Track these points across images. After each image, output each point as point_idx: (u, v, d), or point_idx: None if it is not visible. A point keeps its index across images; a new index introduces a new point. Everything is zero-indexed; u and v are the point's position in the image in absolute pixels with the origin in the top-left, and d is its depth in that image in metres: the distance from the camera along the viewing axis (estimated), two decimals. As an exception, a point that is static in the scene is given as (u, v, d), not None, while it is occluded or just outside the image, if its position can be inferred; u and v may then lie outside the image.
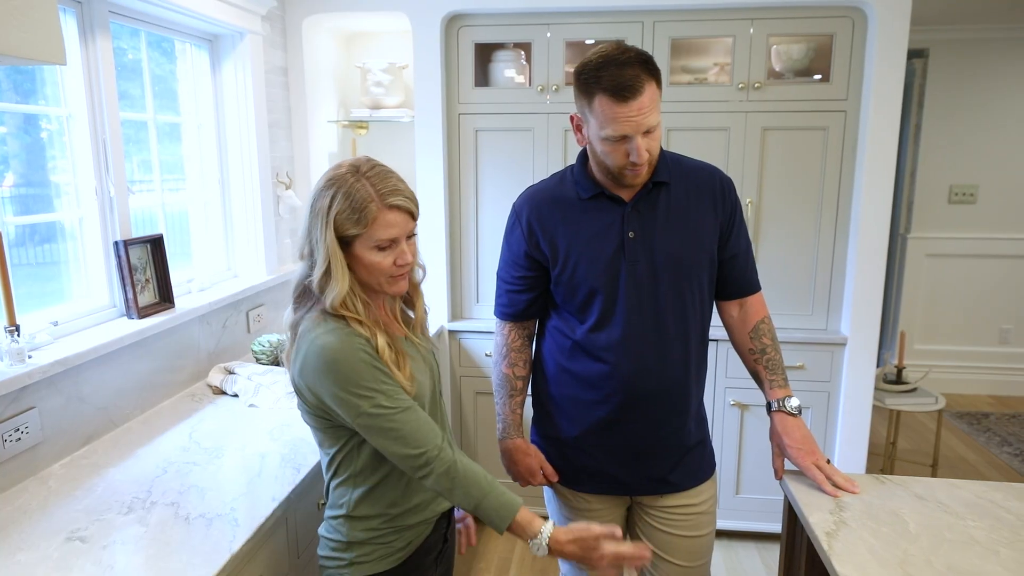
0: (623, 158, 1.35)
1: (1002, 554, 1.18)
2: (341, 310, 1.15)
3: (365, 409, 1.13)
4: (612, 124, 1.31)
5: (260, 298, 2.48)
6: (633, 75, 1.28)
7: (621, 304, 1.43)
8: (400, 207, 1.15)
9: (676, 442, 1.50)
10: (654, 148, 1.37)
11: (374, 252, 1.15)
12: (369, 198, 1.12)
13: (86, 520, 1.32)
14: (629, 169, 1.37)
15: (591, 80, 1.32)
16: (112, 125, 1.83)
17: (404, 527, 1.26)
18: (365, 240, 1.14)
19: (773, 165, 2.60)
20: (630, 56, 1.30)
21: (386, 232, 1.14)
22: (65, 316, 1.73)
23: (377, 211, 1.12)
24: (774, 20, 2.50)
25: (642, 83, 1.29)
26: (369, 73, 2.84)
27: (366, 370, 1.13)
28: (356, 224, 1.13)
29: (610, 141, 1.34)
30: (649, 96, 1.30)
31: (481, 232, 2.77)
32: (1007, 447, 3.79)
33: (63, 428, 1.60)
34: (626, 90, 1.28)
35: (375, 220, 1.13)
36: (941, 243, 4.45)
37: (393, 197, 1.14)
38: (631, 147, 1.33)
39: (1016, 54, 4.20)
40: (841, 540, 1.22)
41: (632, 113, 1.29)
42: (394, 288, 1.21)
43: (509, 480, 1.62)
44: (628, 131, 1.31)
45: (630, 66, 1.29)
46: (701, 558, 1.57)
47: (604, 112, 1.31)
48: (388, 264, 1.16)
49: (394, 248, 1.16)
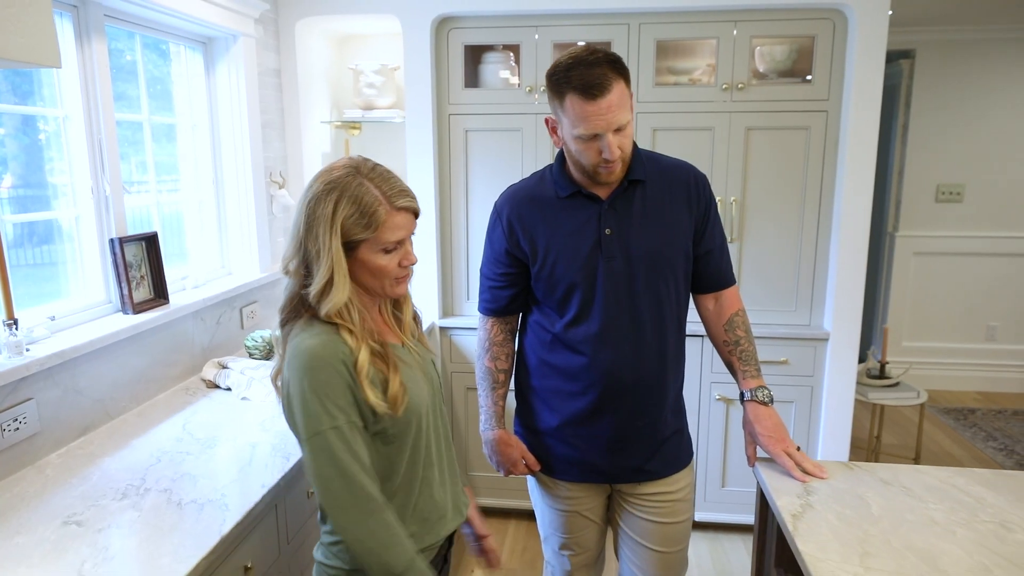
0: (596, 156, 1.40)
1: (958, 534, 1.24)
2: (335, 318, 1.11)
3: (324, 426, 1.07)
4: (583, 122, 1.36)
5: (253, 295, 2.53)
6: (601, 74, 1.33)
7: (599, 299, 1.48)
8: (408, 208, 1.13)
9: (653, 432, 1.55)
10: (626, 145, 1.41)
11: (380, 255, 1.13)
12: (377, 201, 1.09)
13: (82, 506, 1.37)
14: (603, 166, 1.41)
15: (561, 80, 1.37)
16: (108, 126, 1.88)
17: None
18: (372, 244, 1.11)
19: (757, 164, 2.65)
20: (598, 57, 1.35)
21: (395, 234, 1.12)
22: (62, 311, 1.78)
23: (386, 214, 1.10)
24: (757, 22, 2.55)
25: (610, 81, 1.33)
26: (361, 74, 2.90)
27: (340, 384, 1.08)
28: (365, 228, 1.09)
29: (582, 139, 1.39)
30: (618, 94, 1.35)
31: (471, 230, 2.82)
32: (992, 442, 3.85)
33: (60, 419, 1.65)
34: (595, 88, 1.33)
35: (384, 223, 1.10)
36: (928, 241, 4.51)
37: (401, 199, 1.12)
38: (603, 144, 1.37)
39: (1001, 55, 4.27)
40: (806, 522, 1.28)
41: (602, 111, 1.34)
42: (398, 289, 1.19)
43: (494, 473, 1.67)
44: (599, 129, 1.36)
45: (598, 66, 1.34)
46: (678, 544, 1.62)
47: (575, 111, 1.36)
48: (394, 266, 1.15)
49: (399, 249, 1.15)
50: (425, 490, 1.21)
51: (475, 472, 2.94)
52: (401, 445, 1.17)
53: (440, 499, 1.24)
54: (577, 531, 1.65)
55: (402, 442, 1.17)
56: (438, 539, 1.23)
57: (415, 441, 1.19)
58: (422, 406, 1.19)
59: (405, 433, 1.17)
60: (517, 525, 2.96)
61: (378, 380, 1.12)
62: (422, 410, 1.19)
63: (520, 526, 2.95)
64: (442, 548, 1.30)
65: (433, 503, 1.23)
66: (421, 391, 1.20)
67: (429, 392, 1.23)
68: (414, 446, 1.19)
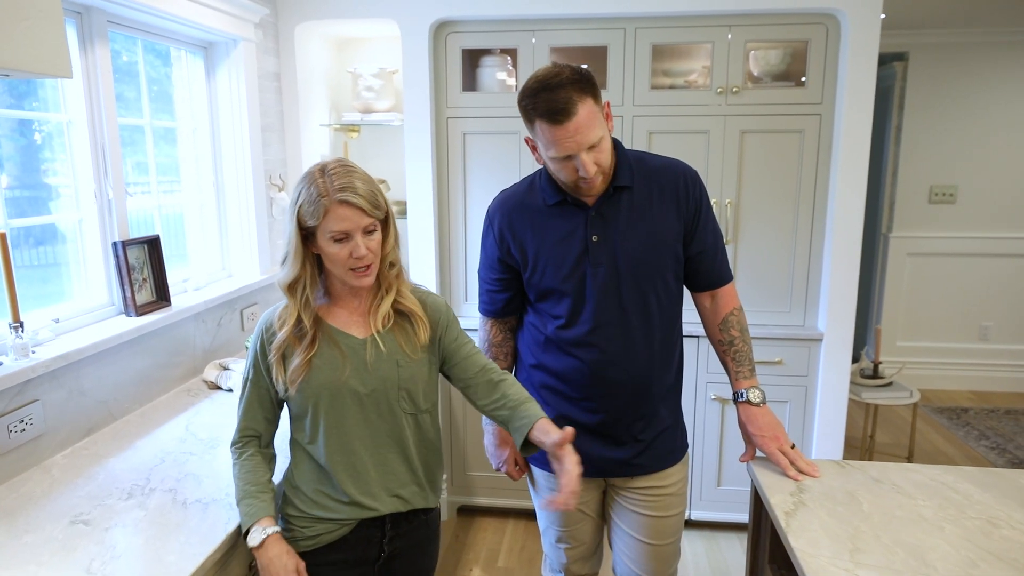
0: (573, 173, 1.42)
1: (946, 530, 1.27)
2: (287, 293, 1.32)
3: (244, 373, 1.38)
4: (554, 146, 1.38)
5: (254, 297, 2.56)
6: (566, 97, 1.33)
7: (588, 304, 1.51)
8: (350, 202, 1.24)
9: (644, 427, 1.58)
10: (603, 160, 1.42)
11: (332, 244, 1.27)
12: (323, 193, 1.24)
13: (88, 505, 1.40)
14: (582, 183, 1.44)
15: (529, 107, 1.38)
16: (111, 130, 1.90)
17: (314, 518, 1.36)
18: (322, 232, 1.26)
19: (751, 167, 2.68)
20: (562, 78, 1.35)
21: (338, 224, 1.25)
22: (66, 314, 1.81)
23: (328, 205, 1.24)
24: (751, 27, 2.59)
25: (574, 104, 1.34)
26: (360, 78, 2.92)
27: (257, 348, 1.35)
28: (312, 216, 1.25)
29: (557, 160, 1.41)
30: (585, 114, 1.35)
31: (469, 232, 2.85)
32: (985, 440, 3.89)
33: (65, 420, 1.67)
34: (559, 114, 1.34)
35: (327, 213, 1.24)
36: (922, 242, 4.55)
37: (344, 193, 1.24)
38: (577, 163, 1.39)
39: (994, 57, 4.31)
40: (798, 519, 1.31)
41: (570, 133, 1.35)
42: (358, 281, 1.30)
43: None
44: (570, 151, 1.38)
45: (562, 88, 1.34)
46: (670, 537, 1.66)
47: (545, 136, 1.38)
48: (345, 255, 1.27)
49: (349, 241, 1.26)
50: (339, 467, 1.34)
51: (472, 472, 2.96)
52: (301, 420, 1.36)
53: (354, 488, 1.35)
54: (572, 524, 1.68)
55: (303, 418, 1.36)
56: (349, 517, 1.36)
57: (315, 421, 1.34)
58: (328, 388, 1.32)
59: (303, 410, 1.35)
60: (515, 524, 2.98)
61: (291, 353, 1.32)
62: (326, 391, 1.32)
63: (518, 525, 2.98)
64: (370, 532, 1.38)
65: (350, 486, 1.35)
66: (337, 376, 1.32)
67: (364, 385, 1.33)
68: (314, 425, 1.35)
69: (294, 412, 1.38)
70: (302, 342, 1.32)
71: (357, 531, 1.37)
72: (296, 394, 1.33)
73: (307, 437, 1.37)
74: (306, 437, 1.37)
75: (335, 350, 1.34)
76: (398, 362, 1.35)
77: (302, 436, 1.38)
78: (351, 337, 1.35)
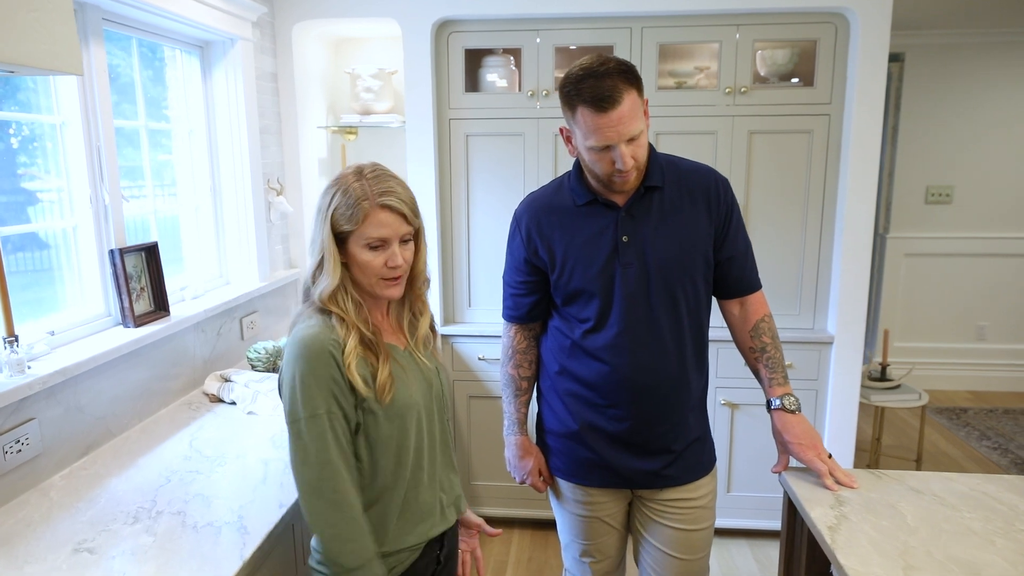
0: (610, 166, 1.39)
1: (998, 544, 1.22)
2: (330, 304, 1.19)
3: (306, 413, 1.13)
4: (595, 134, 1.35)
5: (253, 305, 2.47)
6: (612, 85, 1.32)
7: (616, 306, 1.47)
8: (391, 207, 1.17)
9: (675, 437, 1.53)
10: (640, 154, 1.40)
11: (366, 251, 1.18)
12: (363, 196, 1.16)
13: (92, 531, 1.31)
14: (617, 176, 1.41)
15: (572, 93, 1.36)
16: (107, 133, 1.81)
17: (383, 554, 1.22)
18: (357, 238, 1.18)
19: (760, 168, 2.64)
20: (609, 67, 1.34)
21: (377, 231, 1.17)
22: (61, 325, 1.72)
23: (369, 208, 1.16)
24: (759, 26, 2.55)
25: (621, 93, 1.32)
26: (359, 79, 2.85)
27: (326, 374, 1.13)
28: (349, 220, 1.17)
29: (595, 150, 1.38)
30: (629, 105, 1.33)
31: (473, 236, 2.78)
32: (986, 441, 3.88)
33: (63, 439, 1.58)
34: (605, 101, 1.32)
35: (366, 217, 1.16)
36: (918, 243, 4.55)
37: (385, 197, 1.17)
38: (616, 155, 1.36)
39: (989, 58, 4.32)
40: (843, 534, 1.26)
41: (613, 123, 1.33)
42: (388, 291, 1.22)
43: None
44: (610, 140, 1.35)
45: (609, 77, 1.32)
46: (700, 551, 1.60)
47: (586, 123, 1.35)
48: (379, 264, 1.19)
49: (385, 249, 1.19)
50: (411, 492, 1.25)
51: (478, 481, 2.89)
52: (386, 446, 1.20)
53: (427, 501, 1.27)
54: (598, 537, 1.63)
55: (386, 443, 1.20)
56: (421, 540, 1.26)
57: (401, 441, 1.21)
58: (412, 408, 1.22)
59: (389, 431, 1.20)
60: (521, 534, 2.92)
61: (366, 368, 1.18)
62: (411, 412, 1.22)
63: (524, 535, 2.91)
64: (431, 550, 1.31)
65: (418, 505, 1.26)
66: (412, 393, 1.23)
67: (425, 398, 1.27)
68: (400, 446, 1.21)
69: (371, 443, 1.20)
70: (373, 351, 1.19)
71: (424, 551, 1.30)
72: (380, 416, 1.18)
73: (387, 470, 1.21)
74: (385, 472, 1.21)
75: (394, 363, 1.24)
76: (438, 370, 1.34)
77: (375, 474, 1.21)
78: (397, 348, 1.28)
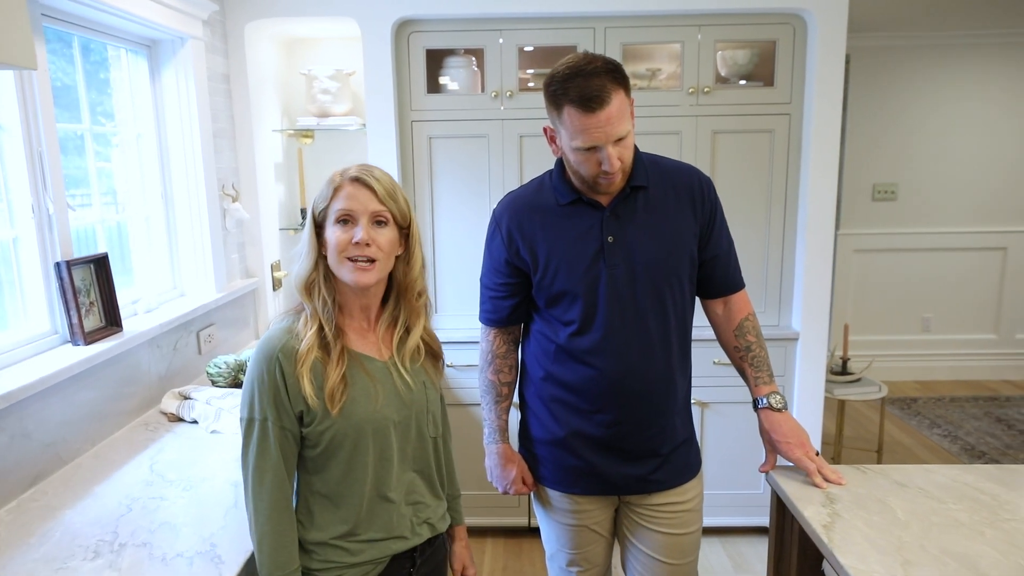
0: (596, 167, 1.36)
1: (987, 534, 1.23)
2: (303, 294, 1.19)
3: (248, 415, 1.16)
4: (582, 135, 1.32)
5: (211, 317, 2.35)
6: (600, 85, 1.28)
7: (602, 308, 1.44)
8: (361, 180, 1.17)
9: (662, 441, 1.51)
10: (626, 156, 1.37)
11: (336, 228, 1.17)
12: (337, 174, 1.20)
13: (47, 569, 1.20)
14: (602, 177, 1.37)
15: (559, 92, 1.32)
16: (49, 137, 1.69)
17: (345, 565, 1.21)
18: (330, 216, 1.18)
19: (724, 167, 2.66)
20: (597, 66, 1.30)
21: (344, 202, 1.16)
22: (3, 346, 1.59)
23: (340, 182, 1.18)
24: (720, 27, 2.57)
25: (609, 93, 1.29)
26: (315, 80, 2.75)
27: (271, 383, 1.14)
28: (324, 199, 1.19)
29: (581, 151, 1.34)
30: (617, 105, 1.30)
31: (438, 240, 2.72)
32: (937, 429, 4.02)
33: (7, 469, 1.45)
34: (593, 101, 1.28)
35: (336, 191, 1.18)
36: (866, 239, 4.69)
37: (356, 171, 1.18)
38: (602, 156, 1.33)
39: (931, 60, 4.49)
40: (838, 532, 1.25)
41: (601, 123, 1.30)
42: (356, 276, 1.17)
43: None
44: (598, 141, 1.32)
45: (597, 76, 1.29)
46: (689, 555, 1.58)
47: (573, 123, 1.32)
48: (345, 240, 1.16)
49: (353, 224, 1.17)
50: (374, 507, 1.21)
51: (449, 491, 2.83)
52: (334, 457, 1.18)
53: (391, 519, 1.23)
54: (586, 546, 1.59)
55: (333, 453, 1.18)
56: (383, 554, 1.23)
57: (354, 454, 1.18)
58: (374, 422, 1.18)
59: (340, 442, 1.17)
60: (495, 543, 2.86)
61: (319, 371, 1.15)
62: (371, 426, 1.18)
63: (498, 544, 2.86)
64: (401, 566, 1.26)
65: (383, 522, 1.22)
66: (377, 408, 1.19)
67: (400, 415, 1.23)
68: (353, 461, 1.18)
69: (317, 452, 1.19)
70: (330, 355, 1.16)
71: (389, 567, 1.25)
72: (329, 427, 1.16)
73: (335, 479, 1.19)
74: (333, 479, 1.19)
75: (361, 374, 1.20)
76: (425, 384, 1.28)
77: (324, 479, 1.20)
78: (373, 360, 1.23)
